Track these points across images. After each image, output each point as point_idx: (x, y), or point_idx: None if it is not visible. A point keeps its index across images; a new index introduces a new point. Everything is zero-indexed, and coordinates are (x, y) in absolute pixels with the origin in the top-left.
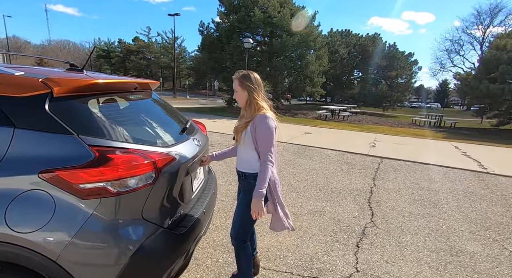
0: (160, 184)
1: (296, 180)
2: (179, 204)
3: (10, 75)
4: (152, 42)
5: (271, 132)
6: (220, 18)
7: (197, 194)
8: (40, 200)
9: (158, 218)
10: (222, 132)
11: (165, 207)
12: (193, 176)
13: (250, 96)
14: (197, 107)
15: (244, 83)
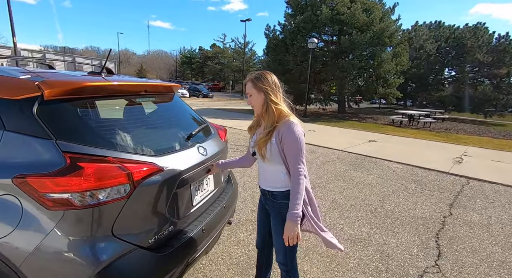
0: (138, 197)
1: (343, 196)
2: (168, 220)
3: (12, 78)
4: (226, 48)
5: (301, 141)
6: (286, 20)
7: (199, 208)
8: (9, 206)
9: (134, 235)
10: None
11: (145, 224)
12: (195, 187)
13: (267, 99)
14: None
15: (258, 84)
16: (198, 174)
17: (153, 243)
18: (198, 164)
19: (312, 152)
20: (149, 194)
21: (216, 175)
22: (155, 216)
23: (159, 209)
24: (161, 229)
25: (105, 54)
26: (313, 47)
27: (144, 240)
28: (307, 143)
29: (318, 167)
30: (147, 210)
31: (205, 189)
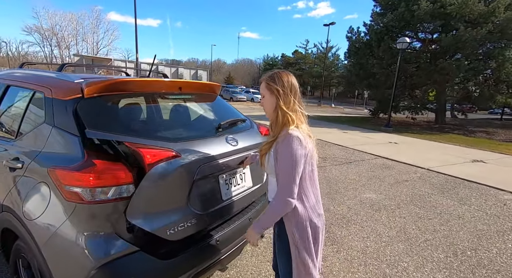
0: (152, 181)
1: (416, 227)
2: (190, 212)
3: (68, 82)
4: (308, 53)
5: (295, 159)
6: (373, 19)
7: (232, 203)
8: (42, 192)
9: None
10: (344, 146)
11: (164, 211)
12: (225, 181)
13: (278, 104)
14: (336, 116)
15: (271, 85)
16: (227, 166)
17: (173, 234)
18: (224, 153)
19: (387, 167)
20: (165, 179)
21: (255, 170)
22: (175, 204)
23: (179, 198)
24: (182, 219)
25: (202, 64)
26: (404, 47)
27: (162, 230)
28: (382, 156)
29: (389, 186)
30: (165, 196)
31: (239, 183)
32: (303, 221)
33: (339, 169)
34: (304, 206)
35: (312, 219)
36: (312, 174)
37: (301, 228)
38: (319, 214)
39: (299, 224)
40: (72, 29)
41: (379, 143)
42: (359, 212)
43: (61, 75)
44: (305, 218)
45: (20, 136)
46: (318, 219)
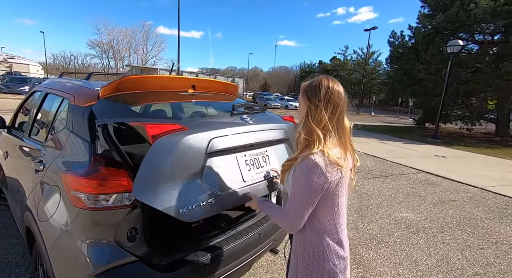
0: (159, 152)
1: (463, 256)
2: (205, 190)
3: (89, 89)
4: (347, 60)
5: (307, 189)
6: (420, 21)
7: (257, 185)
8: (54, 195)
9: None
10: (381, 158)
11: (175, 187)
12: (245, 161)
13: (305, 118)
14: (375, 125)
15: (306, 95)
16: (244, 144)
17: (186, 214)
18: (240, 130)
19: (430, 183)
20: (172, 152)
21: (281, 152)
22: (186, 180)
23: (191, 173)
24: (196, 198)
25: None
26: (456, 51)
27: (173, 208)
28: (425, 171)
29: (432, 206)
30: (174, 170)
31: (263, 166)
32: (319, 262)
33: (373, 183)
34: (322, 243)
35: (331, 260)
36: (338, 208)
37: (316, 270)
38: (340, 256)
39: (314, 263)
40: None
41: (423, 156)
42: (392, 233)
43: (85, 83)
44: (322, 258)
45: (47, 140)
46: (339, 262)
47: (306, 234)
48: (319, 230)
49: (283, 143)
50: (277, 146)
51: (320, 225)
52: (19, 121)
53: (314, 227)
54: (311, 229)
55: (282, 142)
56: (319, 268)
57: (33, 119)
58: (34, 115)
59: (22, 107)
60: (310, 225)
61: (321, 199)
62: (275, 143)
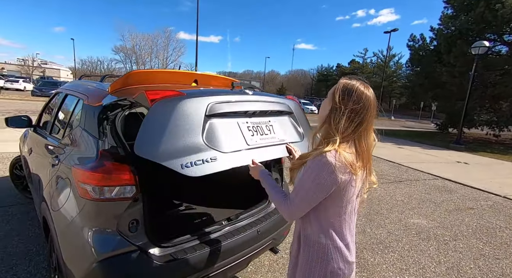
0: (157, 114)
1: (476, 266)
2: (206, 148)
3: (101, 90)
4: (366, 63)
5: (316, 188)
6: (443, 23)
7: (262, 150)
8: (65, 187)
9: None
10: (397, 163)
11: (175, 143)
12: (247, 127)
13: (328, 119)
14: (394, 129)
15: (332, 94)
16: (245, 111)
17: (189, 169)
18: (239, 98)
19: (447, 190)
20: (171, 113)
21: (285, 124)
22: (187, 138)
23: (191, 133)
24: (198, 154)
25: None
26: (481, 52)
27: (175, 163)
28: (443, 177)
29: (447, 213)
30: (174, 129)
31: (267, 134)
32: (323, 263)
33: (385, 188)
34: (328, 244)
35: (336, 263)
36: (346, 212)
37: (319, 271)
38: (346, 260)
39: (318, 264)
40: (148, 48)
41: (443, 162)
42: (401, 239)
43: (99, 84)
44: (326, 259)
45: (63, 137)
46: (345, 266)
47: (313, 233)
48: (326, 231)
49: (287, 115)
50: (281, 117)
51: (328, 226)
52: (43, 120)
53: (321, 227)
54: (318, 228)
55: (286, 114)
56: (322, 269)
57: (53, 118)
58: (55, 115)
59: (46, 107)
60: (317, 224)
61: (330, 198)
62: (278, 114)
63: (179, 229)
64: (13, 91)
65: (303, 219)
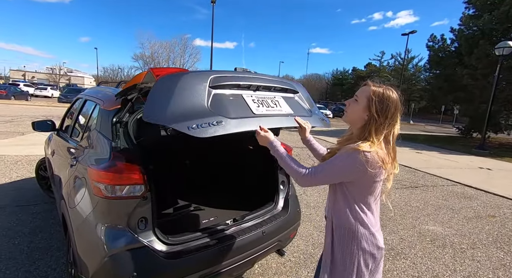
0: (162, 87)
1: (495, 276)
2: (211, 114)
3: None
4: (383, 66)
5: (344, 171)
6: (463, 23)
7: (270, 119)
8: (82, 186)
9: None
10: (414, 168)
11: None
12: (252, 99)
13: (367, 129)
14: (412, 134)
15: (374, 105)
16: (248, 85)
17: (195, 130)
18: (238, 75)
19: (466, 197)
20: (176, 85)
21: (291, 101)
22: (192, 105)
23: (196, 101)
24: (204, 118)
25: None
26: (506, 53)
27: (182, 124)
28: (463, 183)
29: (465, 221)
30: (179, 98)
31: (273, 107)
32: (357, 248)
33: (400, 193)
34: (359, 230)
35: (368, 248)
36: (374, 203)
37: (351, 255)
38: (377, 245)
39: (351, 248)
40: (165, 55)
41: (464, 168)
42: (414, 246)
43: (114, 90)
44: (358, 244)
45: (82, 140)
46: (377, 252)
47: (346, 223)
48: (359, 221)
49: (292, 93)
50: (286, 94)
51: (360, 216)
52: (66, 124)
53: (354, 218)
54: (351, 219)
55: (291, 92)
56: (358, 256)
57: (74, 122)
58: (75, 119)
59: (68, 112)
60: (350, 215)
61: (361, 190)
62: (283, 92)
63: (186, 227)
64: (41, 98)
65: (336, 212)
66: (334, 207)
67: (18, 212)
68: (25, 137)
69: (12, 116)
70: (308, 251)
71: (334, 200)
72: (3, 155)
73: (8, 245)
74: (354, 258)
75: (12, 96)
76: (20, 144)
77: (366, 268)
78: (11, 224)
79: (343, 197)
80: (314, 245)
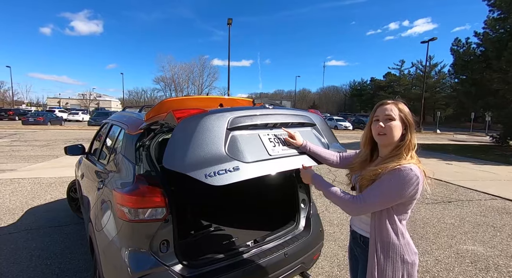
0: (182, 130)
1: None
2: (227, 159)
3: (140, 120)
4: (404, 74)
5: (398, 196)
6: (488, 26)
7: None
8: (107, 208)
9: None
10: (444, 180)
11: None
12: (269, 139)
13: (408, 137)
14: (440, 143)
15: (404, 113)
16: (266, 124)
17: (212, 179)
18: (256, 113)
19: (509, 212)
20: (195, 129)
21: (308, 135)
22: (210, 151)
23: (214, 146)
24: (221, 165)
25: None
26: None
27: (199, 173)
28: (503, 197)
29: (510, 240)
30: (198, 143)
31: (288, 144)
32: (401, 257)
33: (431, 209)
34: (400, 242)
35: (410, 255)
36: (408, 215)
37: (398, 263)
38: (414, 252)
39: (395, 258)
40: (185, 76)
41: (502, 179)
42: (452, 268)
43: (138, 115)
44: (402, 253)
45: (108, 163)
46: (415, 257)
47: (388, 235)
48: (397, 231)
49: (309, 127)
50: (303, 129)
51: (398, 227)
52: (94, 148)
53: (394, 229)
54: (393, 231)
55: (308, 126)
56: (400, 262)
57: (101, 146)
58: (102, 143)
59: (96, 136)
60: (391, 227)
61: (403, 205)
62: (300, 126)
63: (207, 250)
64: (74, 122)
65: (379, 226)
66: (377, 223)
67: (51, 232)
68: (59, 160)
69: (47, 141)
70: (333, 273)
71: (378, 216)
72: (39, 177)
73: (41, 267)
74: (398, 269)
75: (48, 121)
76: (54, 166)
77: (411, 276)
78: (45, 245)
79: (387, 214)
80: (339, 266)
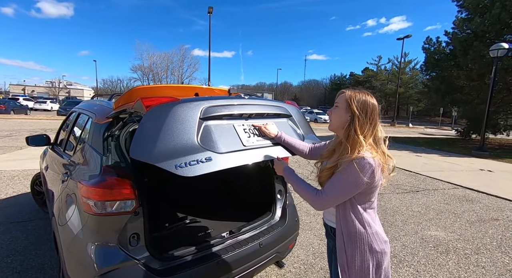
0: (152, 119)
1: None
2: (200, 149)
3: (108, 108)
4: (381, 70)
5: (355, 185)
6: (457, 26)
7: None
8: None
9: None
10: (414, 171)
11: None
12: (244, 129)
13: (352, 127)
14: (412, 137)
15: (353, 105)
16: (240, 114)
17: (182, 170)
18: (231, 103)
19: (468, 200)
20: (165, 117)
21: (283, 126)
22: (181, 141)
23: (185, 136)
24: (192, 156)
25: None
26: (501, 55)
27: (169, 163)
28: (464, 186)
29: (468, 225)
30: (168, 132)
31: (263, 135)
32: (368, 246)
33: (401, 198)
34: (366, 231)
35: (378, 244)
36: (374, 205)
37: (365, 253)
38: (384, 240)
39: (363, 247)
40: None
41: (464, 170)
42: (417, 252)
43: (107, 103)
44: (369, 242)
45: (74, 154)
46: (384, 245)
47: (354, 226)
48: (363, 221)
49: (285, 118)
50: (279, 120)
51: (363, 217)
52: (60, 138)
53: (358, 219)
54: (358, 221)
55: (284, 117)
56: (369, 252)
57: (67, 136)
58: (68, 133)
59: (63, 125)
60: (356, 217)
61: (364, 194)
62: (276, 117)
63: (180, 242)
64: (41, 111)
65: (344, 217)
66: (342, 215)
67: (12, 229)
68: (23, 152)
69: (10, 131)
70: (308, 261)
71: (343, 208)
72: (0, 171)
73: (0, 265)
74: (367, 258)
75: (11, 110)
76: (17, 158)
77: (381, 265)
78: (5, 242)
79: (350, 204)
80: (314, 254)
